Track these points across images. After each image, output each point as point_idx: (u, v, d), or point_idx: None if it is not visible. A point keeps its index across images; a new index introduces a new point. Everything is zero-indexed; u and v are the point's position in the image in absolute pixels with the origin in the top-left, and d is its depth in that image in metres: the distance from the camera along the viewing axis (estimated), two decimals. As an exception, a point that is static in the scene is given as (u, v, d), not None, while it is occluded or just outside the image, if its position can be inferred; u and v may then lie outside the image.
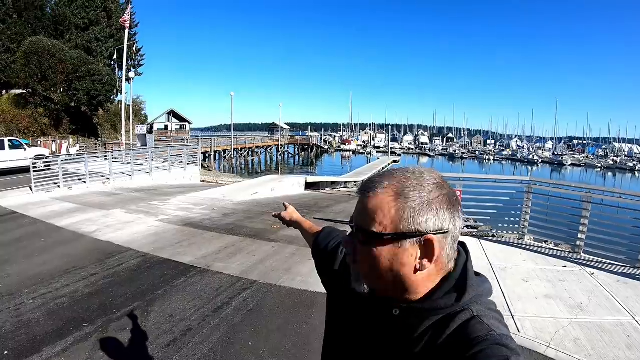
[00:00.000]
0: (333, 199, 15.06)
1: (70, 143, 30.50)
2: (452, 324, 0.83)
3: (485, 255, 6.60)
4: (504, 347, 0.76)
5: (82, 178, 14.76)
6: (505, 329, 0.82)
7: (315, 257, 1.42)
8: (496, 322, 0.83)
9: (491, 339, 0.77)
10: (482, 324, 0.81)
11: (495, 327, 0.81)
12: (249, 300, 4.89)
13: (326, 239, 1.40)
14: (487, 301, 0.89)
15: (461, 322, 0.83)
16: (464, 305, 0.84)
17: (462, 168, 63.45)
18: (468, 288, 0.85)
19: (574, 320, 4.38)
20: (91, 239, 7.61)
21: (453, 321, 0.83)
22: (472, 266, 0.90)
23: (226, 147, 46.04)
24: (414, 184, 0.84)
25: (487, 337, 0.78)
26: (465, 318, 0.83)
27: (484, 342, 0.77)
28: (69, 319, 4.35)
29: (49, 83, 31.09)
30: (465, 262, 0.89)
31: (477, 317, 0.82)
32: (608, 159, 69.23)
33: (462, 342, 0.79)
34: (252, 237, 7.75)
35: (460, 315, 0.84)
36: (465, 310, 0.84)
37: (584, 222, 6.85)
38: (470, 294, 0.85)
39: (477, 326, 0.81)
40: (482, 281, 0.90)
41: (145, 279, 5.57)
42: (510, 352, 0.75)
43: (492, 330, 0.79)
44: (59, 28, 38.77)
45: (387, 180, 0.86)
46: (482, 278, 0.91)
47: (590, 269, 6.05)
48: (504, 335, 0.79)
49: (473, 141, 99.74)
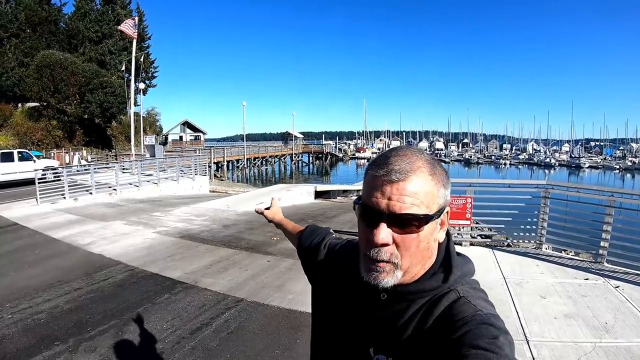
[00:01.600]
0: (342, 208, 14.59)
1: (83, 154, 30.73)
2: (439, 306, 0.84)
3: (498, 268, 6.04)
4: (492, 327, 0.77)
5: (89, 189, 14.71)
6: (492, 308, 0.83)
7: (300, 256, 1.40)
8: (482, 301, 0.84)
9: (478, 319, 0.78)
10: (468, 304, 0.82)
11: (482, 307, 0.82)
12: (231, 321, 4.47)
13: (309, 237, 1.39)
14: (471, 280, 0.91)
15: (448, 303, 0.84)
16: (450, 286, 0.86)
17: (478, 173, 62.66)
18: (453, 268, 0.88)
19: (598, 345, 3.81)
20: (84, 251, 7.38)
21: (440, 303, 0.84)
22: (454, 247, 0.93)
23: (239, 157, 46.06)
24: (433, 161, 0.87)
25: (474, 317, 0.79)
26: (452, 299, 0.84)
27: (471, 323, 0.78)
28: (42, 336, 4.16)
29: (62, 95, 31.39)
30: (447, 243, 0.92)
31: (464, 298, 0.84)
32: (626, 160, 67.47)
33: (450, 324, 0.79)
34: (248, 250, 7.36)
35: (446, 296, 0.85)
36: (451, 291, 0.86)
37: (607, 229, 6.26)
38: (456, 274, 0.88)
39: (464, 307, 0.82)
40: (465, 261, 0.93)
41: (128, 295, 5.25)
42: (498, 331, 0.76)
43: (479, 310, 0.81)
44: (73, 42, 39.36)
45: (413, 162, 0.85)
46: (464, 257, 0.94)
47: (614, 281, 5.47)
48: (491, 314, 0.80)
49: (489, 146, 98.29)
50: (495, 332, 0.75)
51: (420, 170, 0.83)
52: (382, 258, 0.84)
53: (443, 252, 0.90)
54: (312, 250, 1.31)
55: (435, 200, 0.84)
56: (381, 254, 0.84)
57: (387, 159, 0.86)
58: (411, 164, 0.83)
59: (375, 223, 0.84)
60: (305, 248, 1.37)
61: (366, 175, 0.90)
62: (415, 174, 0.83)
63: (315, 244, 1.32)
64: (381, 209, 0.83)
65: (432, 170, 0.85)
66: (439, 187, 0.84)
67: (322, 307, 1.13)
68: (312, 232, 1.42)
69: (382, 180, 0.83)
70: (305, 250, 1.36)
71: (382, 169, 0.85)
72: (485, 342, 0.73)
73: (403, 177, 0.82)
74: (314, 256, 1.28)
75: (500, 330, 0.76)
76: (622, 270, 5.99)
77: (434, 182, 0.84)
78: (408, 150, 0.87)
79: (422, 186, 0.82)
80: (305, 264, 1.36)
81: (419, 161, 0.85)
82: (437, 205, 0.84)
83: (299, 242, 1.43)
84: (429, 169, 0.84)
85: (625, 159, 68.11)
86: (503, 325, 0.78)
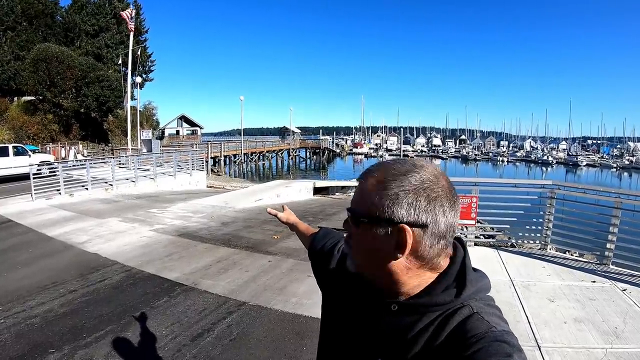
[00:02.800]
0: (342, 204, 14.49)
1: (79, 149, 30.49)
2: (452, 321, 0.81)
3: (505, 270, 5.93)
4: (506, 344, 0.74)
5: (85, 184, 14.54)
6: (505, 325, 0.81)
7: (311, 258, 1.37)
8: (496, 318, 0.82)
9: (492, 336, 0.76)
10: (482, 320, 0.80)
11: (496, 324, 0.79)
12: (233, 326, 4.31)
13: (323, 239, 1.36)
14: (486, 297, 0.88)
15: (461, 319, 0.81)
16: (463, 301, 0.83)
17: (476, 170, 62.62)
18: (467, 283, 0.84)
19: (610, 351, 3.71)
20: (79, 250, 7.22)
21: (452, 318, 0.82)
22: (470, 261, 0.89)
23: (236, 152, 45.88)
24: (399, 174, 0.84)
25: (487, 334, 0.76)
26: (465, 315, 0.82)
27: (484, 340, 0.75)
28: (36, 343, 3.98)
29: (58, 89, 31.06)
30: (463, 257, 0.89)
31: (477, 314, 0.81)
32: (623, 158, 67.61)
33: (463, 340, 0.77)
34: (248, 250, 7.22)
35: (459, 311, 0.82)
36: (465, 307, 0.83)
37: (613, 231, 6.16)
38: (470, 290, 0.84)
39: (477, 323, 0.79)
40: (480, 276, 0.90)
41: (125, 298, 5.09)
42: (511, 348, 0.74)
43: (492, 326, 0.78)
44: (69, 35, 39.08)
45: (378, 168, 0.88)
46: (480, 273, 0.91)
47: (621, 284, 5.37)
48: (504, 331, 0.78)
49: (486, 143, 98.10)
50: (509, 349, 0.73)
51: (374, 176, 0.86)
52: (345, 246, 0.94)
53: (458, 266, 0.87)
54: (325, 254, 1.28)
55: (375, 209, 0.83)
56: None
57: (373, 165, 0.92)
58: (375, 171, 0.87)
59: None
60: (317, 251, 1.34)
61: None
62: (368, 177, 0.86)
63: (328, 248, 1.29)
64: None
65: (385, 180, 0.84)
66: (383, 198, 0.82)
67: (331, 314, 1.10)
68: (325, 235, 1.40)
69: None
70: (317, 254, 1.33)
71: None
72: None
73: (360, 179, 0.89)
74: (325, 260, 1.25)
75: (514, 348, 0.74)
76: (628, 272, 5.90)
77: (378, 189, 0.83)
78: (395, 160, 0.89)
79: (367, 189, 0.85)
80: (315, 268, 1.33)
81: (382, 168, 0.87)
82: (375, 211, 0.83)
83: (311, 245, 1.40)
84: (382, 177, 0.84)
85: (623, 158, 68.27)
86: (517, 342, 0.77)
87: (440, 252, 0.84)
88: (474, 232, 7.36)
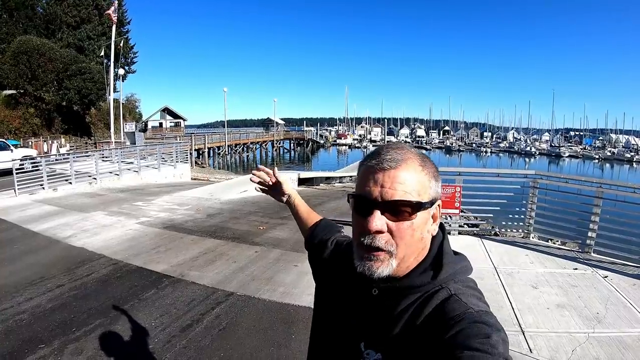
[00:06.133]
0: (327, 195, 14.53)
1: (61, 143, 29.93)
2: (430, 303, 0.82)
3: (489, 258, 6.03)
4: (484, 325, 0.75)
5: (69, 179, 14.28)
6: (484, 305, 0.82)
7: (308, 249, 1.38)
8: (474, 299, 0.83)
9: (470, 317, 0.76)
10: (459, 301, 0.81)
11: (473, 304, 0.80)
12: (222, 316, 4.32)
13: (321, 232, 1.36)
14: (465, 279, 0.89)
15: (439, 301, 0.82)
16: (441, 283, 0.85)
17: (459, 161, 63.10)
18: (444, 265, 0.86)
19: (592, 335, 3.82)
20: (65, 245, 7.11)
21: (431, 300, 0.83)
22: (449, 245, 0.92)
23: (220, 144, 45.66)
24: (423, 155, 0.90)
25: (465, 315, 0.77)
26: (442, 297, 0.83)
27: (463, 322, 0.76)
28: (25, 338, 3.92)
29: (39, 82, 30.41)
30: (442, 240, 0.92)
31: (455, 295, 0.82)
32: (605, 150, 68.78)
33: (441, 322, 0.78)
34: (234, 241, 7.21)
35: (437, 294, 0.84)
36: (443, 289, 0.84)
37: (595, 219, 6.30)
38: (447, 272, 0.86)
39: (455, 304, 0.80)
40: (459, 259, 0.91)
41: (113, 291, 5.05)
42: (490, 328, 0.74)
43: (470, 307, 0.79)
44: (50, 27, 38.10)
45: (404, 153, 0.87)
46: (460, 257, 0.93)
47: (603, 271, 5.51)
48: (482, 311, 0.79)
49: (470, 134, 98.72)
50: (488, 330, 0.74)
51: (411, 160, 0.86)
52: (376, 244, 0.85)
53: (436, 249, 0.90)
54: (321, 245, 1.29)
55: (427, 189, 0.86)
56: (376, 241, 0.85)
57: (380, 151, 0.89)
58: (402, 155, 0.87)
59: (369, 211, 0.85)
60: (315, 243, 1.34)
61: (360, 168, 0.93)
62: (406, 162, 0.85)
63: (325, 240, 1.30)
64: (374, 196, 0.85)
65: (422, 161, 0.88)
66: (429, 177, 0.87)
67: (322, 303, 1.12)
68: (325, 227, 1.39)
69: (375, 169, 0.86)
70: (315, 246, 1.33)
71: (375, 159, 0.88)
72: (478, 341, 0.72)
73: (395, 165, 0.85)
74: (320, 252, 1.27)
75: (493, 328, 0.75)
76: (609, 260, 6.05)
77: (425, 172, 0.87)
78: (399, 144, 0.91)
79: (413, 174, 0.85)
80: (311, 259, 1.35)
81: (410, 153, 0.88)
82: (428, 195, 0.86)
83: (310, 235, 1.40)
84: (419, 160, 0.87)
85: (605, 149, 69.54)
86: (496, 321, 0.77)
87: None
88: (458, 222, 7.45)
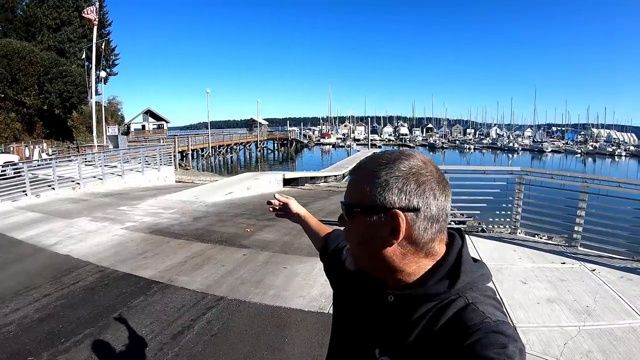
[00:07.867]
0: (312, 195, 14.52)
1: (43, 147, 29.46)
2: (447, 312, 0.81)
3: (477, 254, 6.03)
4: (501, 335, 0.73)
5: (52, 184, 14.04)
6: (501, 315, 0.80)
7: (323, 260, 1.38)
8: (492, 308, 0.81)
9: (486, 327, 0.75)
10: (476, 311, 0.79)
11: (490, 314, 0.78)
12: (213, 322, 4.26)
13: (335, 240, 1.36)
14: (483, 287, 0.87)
15: (455, 310, 0.81)
16: (458, 291, 0.83)
17: (443, 158, 63.51)
18: (461, 274, 0.84)
19: (582, 328, 3.86)
20: (50, 252, 6.95)
21: (447, 309, 0.81)
22: (467, 252, 0.89)
23: (204, 145, 45.55)
24: (387, 162, 0.86)
25: (482, 325, 0.75)
26: (459, 306, 0.81)
27: (479, 331, 0.74)
28: (13, 351, 3.81)
29: (20, 86, 30.08)
30: (461, 247, 0.89)
31: (472, 304, 0.80)
32: (587, 144, 69.99)
33: (458, 332, 0.77)
34: (222, 244, 7.13)
35: (454, 302, 0.82)
36: (460, 298, 0.82)
37: (581, 214, 6.38)
38: (465, 280, 0.84)
39: (472, 314, 0.78)
40: (478, 267, 0.89)
41: (101, 299, 4.93)
42: (507, 338, 0.73)
43: (487, 317, 0.77)
44: (31, 29, 37.67)
45: (367, 160, 0.90)
46: (479, 264, 0.90)
47: (590, 265, 5.58)
48: (499, 321, 0.77)
49: (453, 130, 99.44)
50: (505, 340, 0.72)
51: (363, 169, 0.88)
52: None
53: (454, 257, 0.87)
54: (335, 255, 1.30)
55: (367, 198, 0.85)
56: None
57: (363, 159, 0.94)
58: (361, 165, 0.90)
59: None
60: (329, 253, 1.34)
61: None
62: (358, 172, 0.89)
63: (339, 249, 1.30)
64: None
65: (373, 171, 0.86)
66: (374, 187, 0.85)
67: (340, 310, 1.13)
68: (337, 236, 1.39)
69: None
70: (329, 256, 1.34)
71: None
72: (494, 351, 0.71)
73: (351, 175, 0.93)
74: (335, 261, 1.28)
75: (510, 338, 0.73)
76: (596, 253, 6.13)
77: (369, 181, 0.85)
78: (382, 153, 0.91)
79: (357, 183, 0.88)
80: (327, 269, 1.36)
81: (370, 162, 0.89)
82: (368, 203, 0.85)
83: (324, 246, 1.41)
84: (370, 169, 0.87)
85: (587, 144, 70.77)
86: (513, 332, 0.76)
87: (434, 236, 0.85)
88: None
